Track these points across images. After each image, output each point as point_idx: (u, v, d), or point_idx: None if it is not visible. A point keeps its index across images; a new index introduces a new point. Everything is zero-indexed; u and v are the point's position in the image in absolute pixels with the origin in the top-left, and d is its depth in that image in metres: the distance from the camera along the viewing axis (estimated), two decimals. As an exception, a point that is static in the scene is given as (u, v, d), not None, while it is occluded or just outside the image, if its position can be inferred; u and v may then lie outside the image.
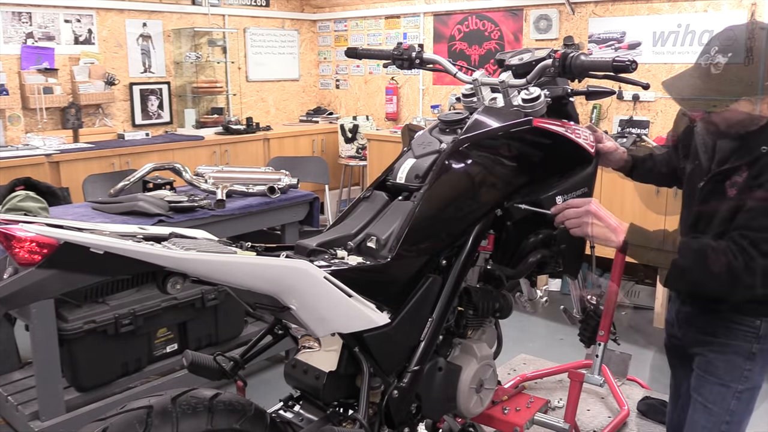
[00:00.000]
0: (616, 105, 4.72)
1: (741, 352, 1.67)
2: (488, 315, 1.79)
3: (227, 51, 5.95)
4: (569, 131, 1.78)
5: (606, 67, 1.58)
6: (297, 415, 1.61)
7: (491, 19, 5.38)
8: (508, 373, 3.17)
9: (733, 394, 1.68)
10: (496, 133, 1.67)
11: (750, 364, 1.67)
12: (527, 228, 1.73)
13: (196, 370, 1.56)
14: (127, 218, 2.59)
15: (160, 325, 2.85)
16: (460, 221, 1.62)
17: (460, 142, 1.62)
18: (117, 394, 2.66)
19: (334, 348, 1.53)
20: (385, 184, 1.71)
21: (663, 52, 4.45)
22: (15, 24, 4.71)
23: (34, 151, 4.40)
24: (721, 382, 1.69)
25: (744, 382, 1.68)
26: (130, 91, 5.37)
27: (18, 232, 1.07)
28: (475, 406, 1.75)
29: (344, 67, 6.63)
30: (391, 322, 1.48)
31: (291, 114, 6.67)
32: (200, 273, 1.21)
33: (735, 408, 1.69)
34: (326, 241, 1.55)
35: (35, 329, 2.36)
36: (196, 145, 5.22)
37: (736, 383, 1.68)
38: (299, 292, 1.30)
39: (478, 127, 1.66)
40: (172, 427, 1.28)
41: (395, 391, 1.51)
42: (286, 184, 3.11)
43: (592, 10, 4.77)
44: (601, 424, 2.77)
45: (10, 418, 2.63)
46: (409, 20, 5.97)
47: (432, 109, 5.78)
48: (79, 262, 1.10)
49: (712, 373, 1.71)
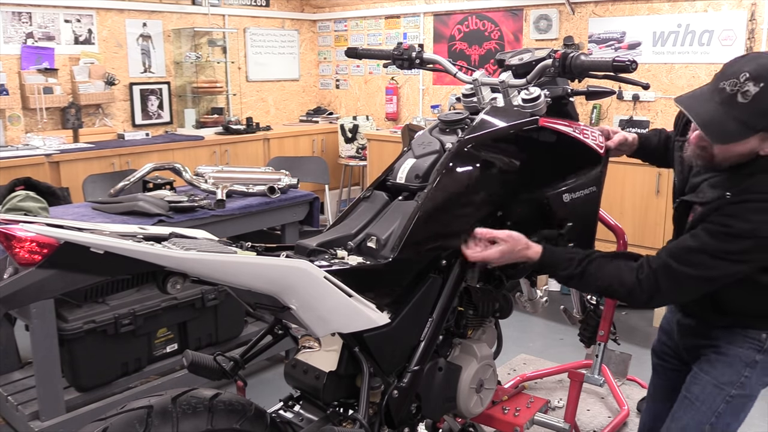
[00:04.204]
0: (616, 105, 4.72)
1: (743, 357, 1.67)
2: (488, 315, 1.79)
3: (227, 51, 5.95)
4: (576, 131, 1.78)
5: (606, 67, 1.58)
6: (297, 415, 1.61)
7: (491, 19, 5.38)
8: (508, 373, 3.17)
9: (725, 398, 1.66)
10: (501, 133, 1.66)
11: (749, 371, 1.66)
12: (527, 228, 1.73)
13: (196, 370, 1.56)
14: (127, 218, 2.59)
15: (160, 325, 2.84)
16: (463, 221, 1.61)
17: (466, 141, 1.62)
18: (117, 394, 2.66)
19: (334, 348, 1.53)
20: (385, 184, 1.71)
21: (663, 52, 4.45)
22: (15, 24, 4.71)
23: (34, 151, 4.40)
24: (716, 383, 1.68)
25: (738, 388, 1.66)
26: (130, 91, 5.37)
27: (18, 232, 1.07)
28: (475, 406, 1.75)
29: (344, 67, 6.63)
30: (391, 322, 1.48)
31: (291, 114, 6.67)
32: (200, 273, 1.21)
33: (723, 411, 1.67)
34: (326, 241, 1.55)
35: (35, 329, 2.36)
36: (196, 145, 5.22)
37: (730, 387, 1.66)
38: (299, 292, 1.30)
39: (483, 127, 1.66)
40: (173, 427, 1.28)
41: (395, 391, 1.51)
42: (286, 184, 3.11)
43: (592, 10, 4.77)
44: (601, 424, 2.77)
45: (10, 418, 2.63)
46: (409, 20, 5.97)
47: (432, 109, 5.78)
48: (80, 262, 1.10)
49: (708, 372, 1.70)
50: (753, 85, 1.41)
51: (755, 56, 1.48)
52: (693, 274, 1.52)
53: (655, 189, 3.97)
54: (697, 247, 1.52)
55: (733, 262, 1.50)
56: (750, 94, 1.41)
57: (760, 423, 2.68)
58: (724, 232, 1.49)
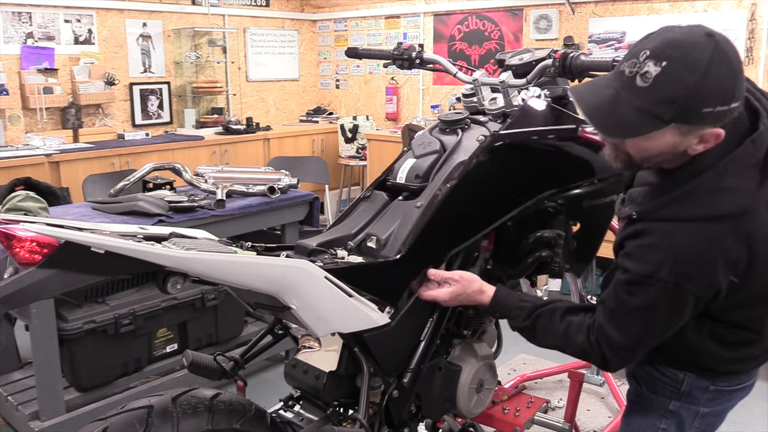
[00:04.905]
0: (616, 105, 4.71)
1: (656, 407, 1.43)
2: (488, 315, 1.79)
3: (227, 51, 5.94)
4: None
5: (606, 67, 1.58)
6: (297, 415, 1.61)
7: (491, 19, 5.38)
8: (508, 373, 3.17)
9: None
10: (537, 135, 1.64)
11: (666, 423, 1.42)
12: (528, 228, 1.73)
13: (196, 370, 1.56)
14: (127, 218, 2.58)
15: (160, 325, 2.84)
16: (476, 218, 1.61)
17: (500, 136, 1.60)
18: (117, 394, 2.66)
19: (334, 348, 1.53)
20: (385, 184, 1.71)
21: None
22: (15, 24, 4.71)
23: (34, 151, 4.40)
24: None
25: None
26: (130, 91, 5.37)
27: (18, 232, 1.07)
28: (475, 406, 1.75)
29: (344, 67, 6.63)
30: (392, 322, 1.48)
31: (291, 114, 6.67)
32: (201, 273, 1.21)
33: None
34: (326, 241, 1.55)
35: (35, 329, 2.36)
36: (196, 145, 5.22)
37: None
38: (300, 291, 1.30)
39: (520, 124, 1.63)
40: (173, 426, 1.28)
41: (395, 391, 1.52)
42: (286, 184, 3.11)
43: (592, 10, 4.77)
44: (601, 424, 2.77)
45: (10, 418, 2.63)
46: (409, 20, 5.97)
47: (432, 109, 5.78)
48: (80, 262, 1.10)
49: (629, 425, 1.51)
50: (653, 64, 1.12)
51: (664, 30, 1.17)
52: (622, 341, 1.28)
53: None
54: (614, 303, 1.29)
55: (647, 318, 1.24)
56: (650, 76, 1.12)
57: (760, 423, 2.68)
58: (626, 280, 1.25)
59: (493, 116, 1.73)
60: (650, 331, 1.27)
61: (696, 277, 1.20)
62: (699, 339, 1.32)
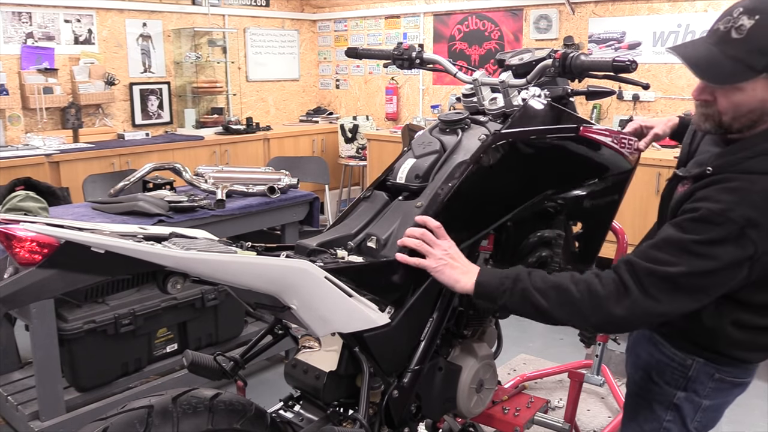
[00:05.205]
0: (616, 105, 4.72)
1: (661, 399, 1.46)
2: (488, 315, 1.79)
3: (227, 51, 5.95)
4: (615, 141, 1.76)
5: (606, 67, 1.58)
6: (297, 415, 1.61)
7: (491, 19, 5.38)
8: (508, 373, 3.17)
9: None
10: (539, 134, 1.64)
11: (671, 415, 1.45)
12: (527, 228, 1.73)
13: (196, 370, 1.56)
14: (127, 218, 2.59)
15: (160, 325, 2.85)
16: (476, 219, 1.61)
17: (503, 135, 1.60)
18: (117, 394, 2.66)
19: (334, 348, 1.53)
20: (385, 184, 1.71)
21: (663, 52, 4.45)
22: (15, 24, 4.71)
23: (34, 151, 4.40)
24: None
25: None
26: (130, 91, 5.37)
27: (18, 232, 1.07)
28: (475, 406, 1.75)
29: (344, 67, 6.63)
30: (392, 321, 1.48)
31: (291, 114, 6.67)
32: (201, 273, 1.21)
33: None
34: (326, 241, 1.55)
35: (35, 329, 2.36)
36: (196, 145, 5.22)
37: None
38: (300, 291, 1.30)
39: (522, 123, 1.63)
40: (173, 426, 1.28)
41: (395, 391, 1.51)
42: (286, 184, 3.11)
43: (592, 10, 4.77)
44: (601, 424, 2.77)
45: (10, 418, 2.63)
46: (409, 20, 5.97)
47: (432, 109, 5.78)
48: (80, 262, 1.10)
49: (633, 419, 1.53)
50: (747, 18, 1.24)
51: None
52: (655, 270, 1.26)
53: (655, 189, 3.97)
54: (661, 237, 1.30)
55: (698, 256, 1.23)
56: (745, 29, 1.24)
57: (760, 423, 2.68)
58: (690, 218, 1.27)
59: (493, 116, 1.73)
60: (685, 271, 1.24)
61: (764, 227, 1.22)
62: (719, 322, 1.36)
